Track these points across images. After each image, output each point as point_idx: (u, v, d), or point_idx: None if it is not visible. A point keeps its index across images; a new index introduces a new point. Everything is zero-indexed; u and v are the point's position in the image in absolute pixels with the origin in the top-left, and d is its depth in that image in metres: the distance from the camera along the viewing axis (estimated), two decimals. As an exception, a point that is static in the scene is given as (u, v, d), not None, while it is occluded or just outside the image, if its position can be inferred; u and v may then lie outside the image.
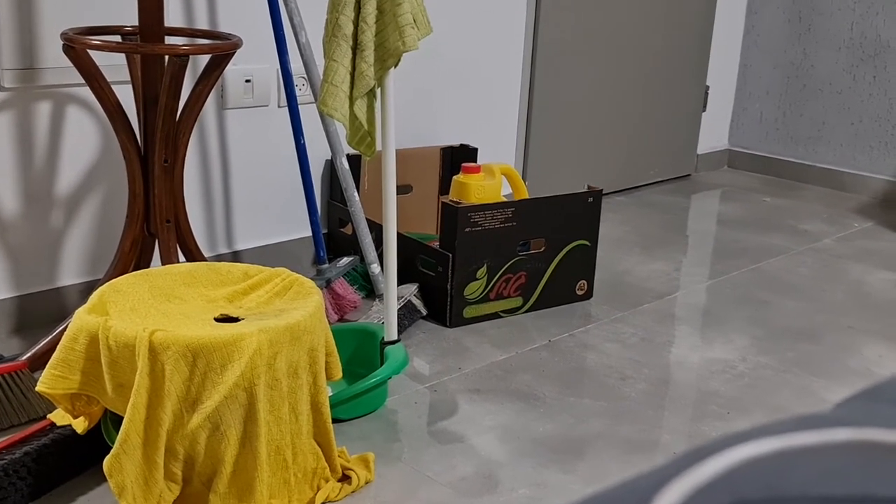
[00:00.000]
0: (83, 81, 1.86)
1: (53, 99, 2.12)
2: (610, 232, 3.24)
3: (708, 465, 0.28)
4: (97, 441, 1.57)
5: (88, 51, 1.81)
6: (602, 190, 2.54)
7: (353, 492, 1.61)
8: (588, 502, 0.28)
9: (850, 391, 2.13)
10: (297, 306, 1.55)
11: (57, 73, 2.10)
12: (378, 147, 1.90)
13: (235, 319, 1.54)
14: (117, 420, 1.49)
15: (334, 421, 1.70)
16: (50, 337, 1.92)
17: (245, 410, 1.43)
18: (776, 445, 0.29)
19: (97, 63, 1.84)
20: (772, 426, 0.30)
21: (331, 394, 1.74)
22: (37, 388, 1.47)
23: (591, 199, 2.51)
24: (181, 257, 1.99)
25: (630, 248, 3.10)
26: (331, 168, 2.69)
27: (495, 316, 2.41)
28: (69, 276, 2.23)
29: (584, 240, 2.53)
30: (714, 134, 4.30)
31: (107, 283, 1.57)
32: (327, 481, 1.59)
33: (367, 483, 1.64)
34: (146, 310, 1.52)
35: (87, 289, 2.21)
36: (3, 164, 2.07)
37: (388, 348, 1.93)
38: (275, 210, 2.61)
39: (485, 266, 2.35)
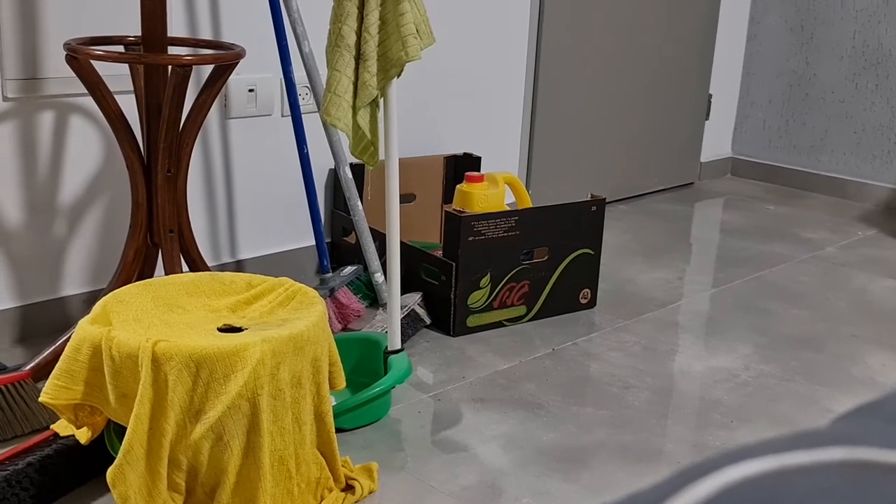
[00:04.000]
0: (86, 91, 1.87)
1: (56, 109, 2.12)
2: (613, 240, 3.24)
3: (704, 483, 0.28)
4: (100, 452, 1.57)
5: (91, 61, 1.81)
6: (605, 198, 2.54)
7: (356, 502, 1.61)
8: None
9: (854, 400, 2.13)
10: (301, 316, 1.55)
11: (60, 84, 2.10)
12: (381, 156, 1.91)
13: (239, 329, 1.54)
14: (120, 430, 1.49)
15: (338, 430, 1.70)
16: (53, 347, 1.92)
17: (248, 421, 1.43)
18: (771, 465, 0.29)
19: (100, 73, 1.85)
20: (769, 443, 0.30)
21: (334, 403, 1.74)
22: (40, 399, 1.47)
23: (594, 208, 2.51)
24: (184, 267, 1.99)
25: (633, 256, 3.10)
26: (334, 177, 2.69)
27: (499, 325, 2.41)
28: (72, 286, 2.23)
29: (588, 248, 2.53)
30: (717, 142, 4.30)
31: (110, 294, 1.58)
32: (331, 491, 1.59)
33: (370, 493, 1.64)
34: (149, 320, 1.52)
35: (91, 299, 2.22)
36: (7, 174, 2.08)
37: (392, 357, 1.93)
38: (278, 219, 2.61)
39: (488, 275, 2.35)
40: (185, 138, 1.91)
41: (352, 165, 2.49)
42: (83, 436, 1.54)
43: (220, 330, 1.54)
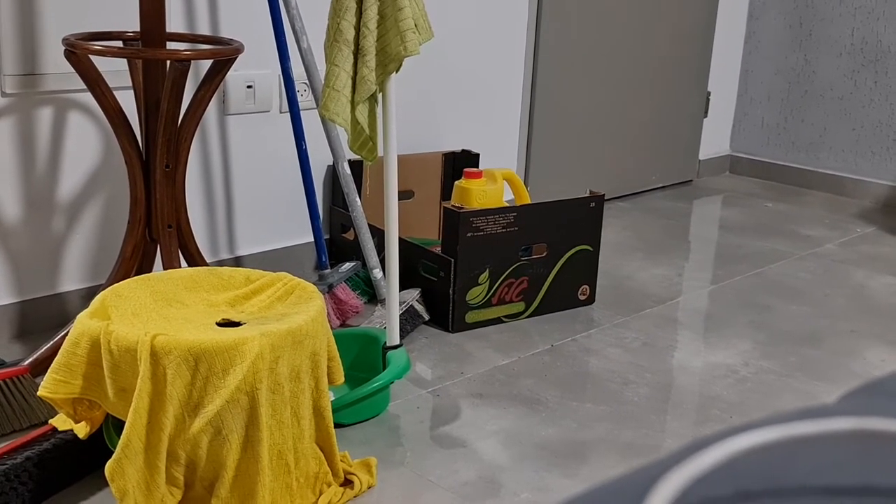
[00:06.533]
0: (85, 87, 1.87)
1: (55, 104, 2.12)
2: (612, 237, 3.24)
3: (709, 454, 0.28)
4: (99, 446, 1.56)
5: (90, 56, 1.81)
6: (604, 195, 2.54)
7: (355, 496, 1.61)
8: (594, 490, 0.28)
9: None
10: (299, 311, 1.55)
11: (58, 79, 2.10)
12: (380, 152, 1.90)
13: (237, 324, 1.54)
14: (119, 425, 1.49)
15: (336, 426, 1.70)
16: (52, 342, 1.92)
17: (247, 415, 1.43)
18: (777, 435, 0.29)
19: (99, 68, 1.85)
20: (774, 417, 0.30)
21: (333, 398, 1.74)
22: (38, 393, 1.47)
23: (593, 205, 2.51)
24: (183, 263, 1.99)
25: (632, 253, 3.10)
26: (333, 173, 2.69)
27: (498, 321, 2.41)
28: (71, 281, 2.23)
29: (587, 245, 2.53)
30: (716, 139, 4.30)
31: (108, 288, 1.58)
32: (329, 486, 1.59)
33: (369, 488, 1.64)
34: (148, 314, 1.52)
35: (89, 294, 2.22)
36: (5, 169, 2.08)
37: (390, 353, 1.93)
38: (277, 215, 2.61)
39: (487, 271, 2.35)
40: (184, 134, 1.91)
41: (350, 162, 2.49)
42: (82, 430, 1.54)
43: (219, 324, 1.53)
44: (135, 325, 1.46)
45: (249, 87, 2.46)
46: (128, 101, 2.00)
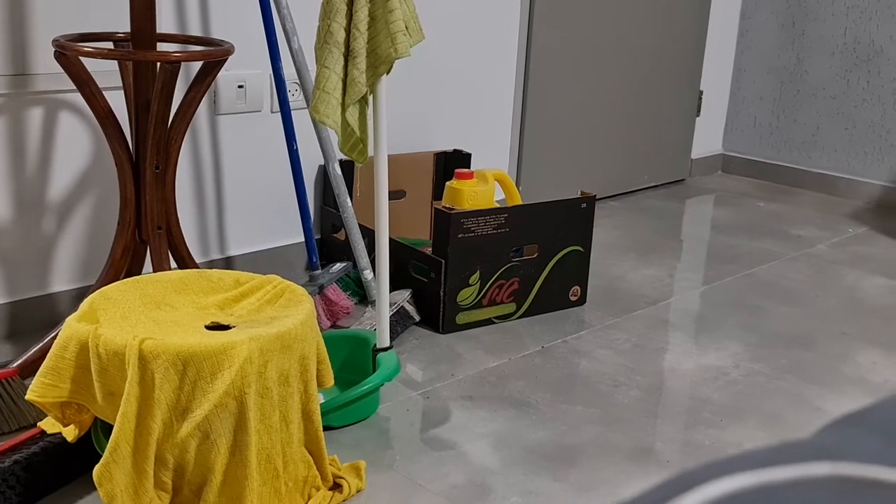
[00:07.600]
0: (75, 88, 1.86)
1: (45, 105, 2.11)
2: (603, 237, 3.24)
3: (687, 499, 0.28)
4: (87, 449, 1.56)
5: (80, 57, 1.80)
6: (595, 195, 2.54)
7: (344, 500, 1.60)
8: None
9: (844, 398, 2.13)
10: (289, 314, 1.55)
11: (49, 80, 2.09)
12: (371, 153, 1.90)
13: (227, 327, 1.54)
14: (107, 428, 1.48)
15: (326, 428, 1.70)
16: (41, 344, 1.91)
17: (235, 419, 1.42)
18: (755, 480, 0.28)
19: (89, 69, 1.84)
20: (752, 456, 0.30)
21: (322, 401, 1.74)
22: (27, 397, 1.47)
23: (584, 205, 2.51)
24: (173, 264, 1.98)
25: (624, 253, 3.09)
26: (324, 174, 2.69)
27: (488, 322, 2.41)
28: (61, 282, 2.22)
29: (578, 245, 2.53)
30: (708, 139, 4.30)
31: (97, 291, 1.57)
32: (318, 490, 1.59)
33: (358, 491, 1.63)
34: (136, 317, 1.52)
35: (79, 295, 2.21)
36: (-5, 170, 2.07)
37: (381, 355, 1.92)
38: (267, 216, 2.60)
39: (478, 272, 2.35)
40: (174, 134, 1.90)
41: (341, 162, 2.48)
42: (70, 434, 1.53)
43: (208, 328, 1.53)
44: (123, 328, 1.46)
45: (240, 86, 2.45)
46: (118, 102, 1.99)
